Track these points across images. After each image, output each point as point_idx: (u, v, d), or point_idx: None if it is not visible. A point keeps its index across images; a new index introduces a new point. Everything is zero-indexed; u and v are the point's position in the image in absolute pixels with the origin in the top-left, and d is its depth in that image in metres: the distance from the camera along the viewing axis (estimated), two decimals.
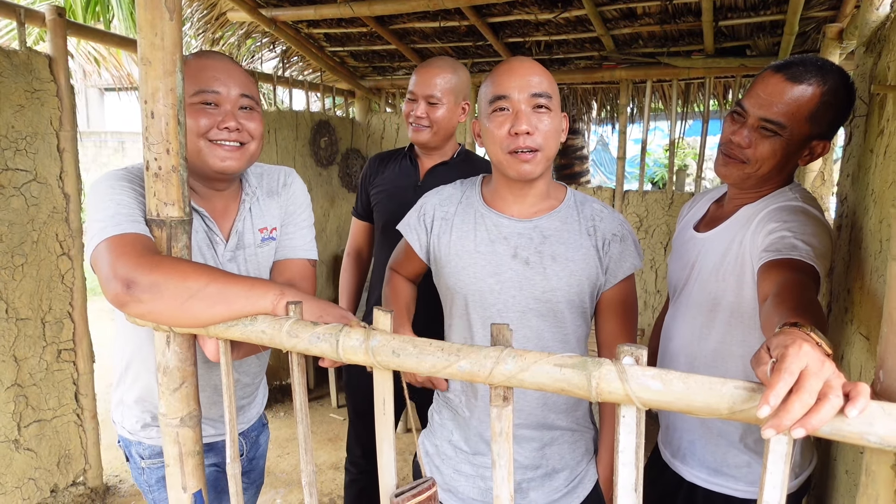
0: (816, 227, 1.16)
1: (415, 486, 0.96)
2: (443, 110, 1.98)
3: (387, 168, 2.15)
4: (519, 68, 1.25)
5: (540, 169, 1.26)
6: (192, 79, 1.23)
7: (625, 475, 0.79)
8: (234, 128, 1.25)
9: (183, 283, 1.00)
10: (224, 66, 1.27)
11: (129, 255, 1.03)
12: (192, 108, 1.23)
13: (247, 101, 1.28)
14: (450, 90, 1.99)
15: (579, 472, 1.39)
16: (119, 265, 1.02)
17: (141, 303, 1.00)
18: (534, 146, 1.22)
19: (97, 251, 1.08)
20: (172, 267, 1.02)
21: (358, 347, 0.90)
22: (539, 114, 1.23)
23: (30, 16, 2.54)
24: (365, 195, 2.19)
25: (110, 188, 1.17)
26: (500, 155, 1.25)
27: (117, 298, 1.01)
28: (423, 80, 1.98)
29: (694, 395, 0.71)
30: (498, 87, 1.25)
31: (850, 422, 0.65)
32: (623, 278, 1.33)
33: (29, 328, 2.52)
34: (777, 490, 0.72)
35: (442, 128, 2.01)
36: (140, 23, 1.03)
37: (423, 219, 1.40)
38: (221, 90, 1.24)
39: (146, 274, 1.00)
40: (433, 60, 2.04)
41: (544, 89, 1.24)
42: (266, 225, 1.41)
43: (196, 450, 1.16)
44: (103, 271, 1.05)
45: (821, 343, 0.74)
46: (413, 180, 2.08)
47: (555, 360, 0.79)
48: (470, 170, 2.07)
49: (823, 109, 1.24)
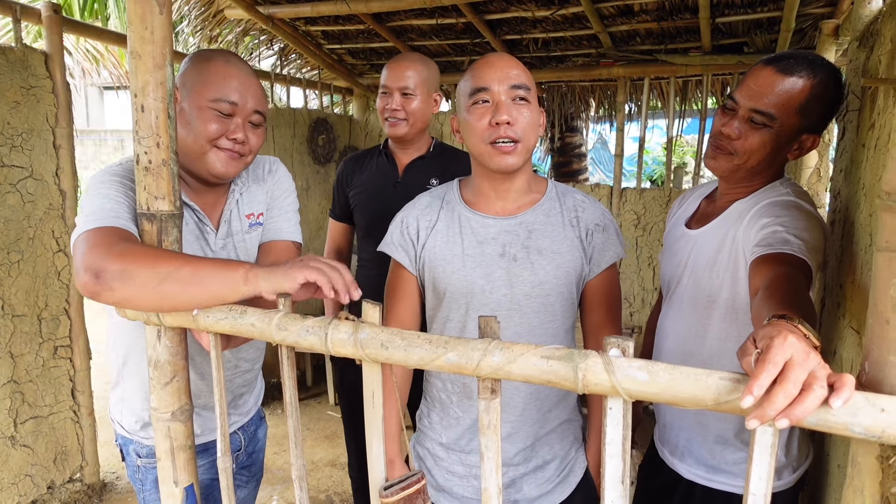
0: (808, 222, 1.16)
1: (403, 479, 0.97)
2: (417, 102, 2.00)
3: (363, 168, 2.15)
4: (497, 61, 1.27)
5: (520, 160, 1.26)
6: (212, 83, 1.25)
7: (611, 467, 0.79)
8: (241, 140, 1.28)
9: (153, 268, 1.01)
10: (246, 78, 1.29)
11: (100, 245, 1.05)
12: (207, 112, 1.25)
13: (257, 117, 1.32)
14: (422, 82, 2.01)
15: (569, 460, 1.40)
16: (89, 256, 1.04)
17: (112, 290, 1.02)
18: (514, 136, 1.23)
19: (75, 245, 1.11)
20: (142, 254, 1.04)
21: (346, 340, 0.90)
22: (519, 105, 1.24)
23: (26, 12, 2.54)
24: (343, 197, 2.18)
25: (100, 183, 1.20)
26: (481, 146, 1.26)
27: (86, 288, 1.03)
28: (395, 73, 1.99)
29: (679, 386, 0.71)
30: (478, 80, 1.26)
31: (835, 412, 0.65)
32: (606, 267, 1.34)
33: (25, 325, 2.52)
34: (763, 482, 0.72)
35: (418, 119, 2.02)
36: (130, 17, 1.03)
37: (407, 232, 1.38)
38: (239, 102, 1.27)
39: (114, 262, 1.02)
40: (403, 55, 2.07)
41: (523, 81, 1.25)
42: (253, 211, 1.44)
43: (188, 444, 1.17)
44: (76, 263, 1.07)
45: (809, 335, 0.74)
46: (392, 177, 2.09)
47: (542, 351, 0.79)
48: (447, 162, 2.08)
49: (813, 102, 1.25)
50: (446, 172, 2.05)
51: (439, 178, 2.05)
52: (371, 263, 2.10)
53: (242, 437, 1.57)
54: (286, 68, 4.34)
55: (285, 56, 4.29)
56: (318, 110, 4.34)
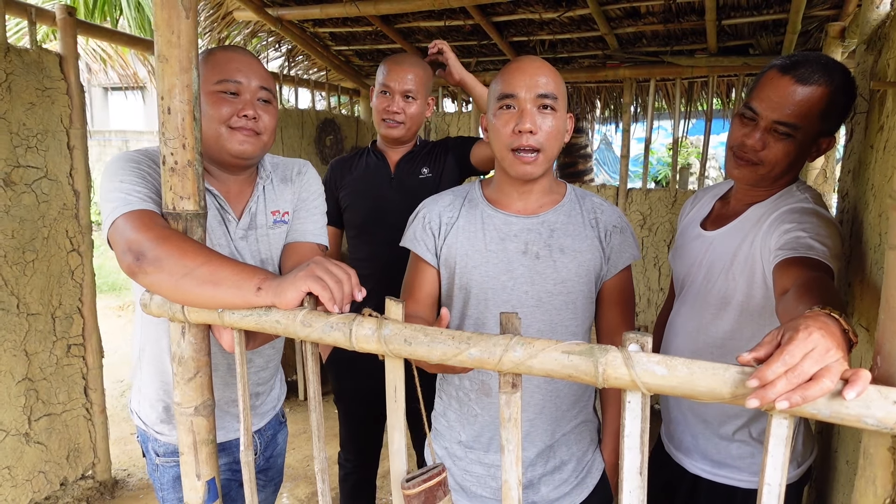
0: (829, 229, 1.18)
1: (425, 471, 0.99)
2: (416, 106, 2.02)
3: (353, 169, 2.16)
4: (528, 68, 1.27)
5: (540, 170, 1.29)
6: (215, 69, 1.30)
7: (630, 459, 0.81)
8: (252, 116, 1.31)
9: (181, 260, 1.05)
10: (246, 59, 1.34)
11: (139, 229, 1.10)
12: (214, 96, 1.29)
13: (265, 93, 1.34)
14: (423, 86, 2.03)
15: (586, 462, 1.41)
16: (132, 239, 1.09)
17: (146, 274, 1.07)
18: (536, 145, 1.25)
19: (113, 228, 1.15)
20: (176, 244, 1.07)
21: (370, 336, 0.93)
22: (544, 114, 1.26)
23: (41, 15, 2.57)
24: (332, 200, 2.16)
25: (120, 169, 1.23)
26: (504, 152, 1.28)
27: (129, 268, 1.09)
28: (398, 74, 2.00)
29: (698, 380, 0.74)
30: (506, 86, 1.27)
31: (848, 405, 0.67)
32: (623, 268, 1.37)
33: (39, 323, 2.55)
34: (778, 471, 0.74)
35: (415, 123, 2.05)
36: (157, 21, 1.06)
37: (430, 226, 1.40)
38: (243, 80, 1.31)
39: (153, 247, 1.06)
40: (403, 56, 2.07)
41: (551, 90, 1.26)
42: (279, 208, 1.45)
43: (210, 438, 1.19)
44: (119, 246, 1.12)
45: (848, 329, 0.75)
46: (385, 174, 2.11)
47: (562, 347, 0.82)
48: (433, 147, 2.11)
49: (832, 107, 1.27)
50: (436, 159, 2.09)
51: (430, 166, 2.08)
52: (365, 264, 2.11)
53: (259, 441, 1.56)
54: (294, 69, 4.37)
55: (293, 57, 4.32)
56: (325, 111, 4.37)
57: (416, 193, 1.74)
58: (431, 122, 4.48)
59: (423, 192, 1.72)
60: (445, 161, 2.08)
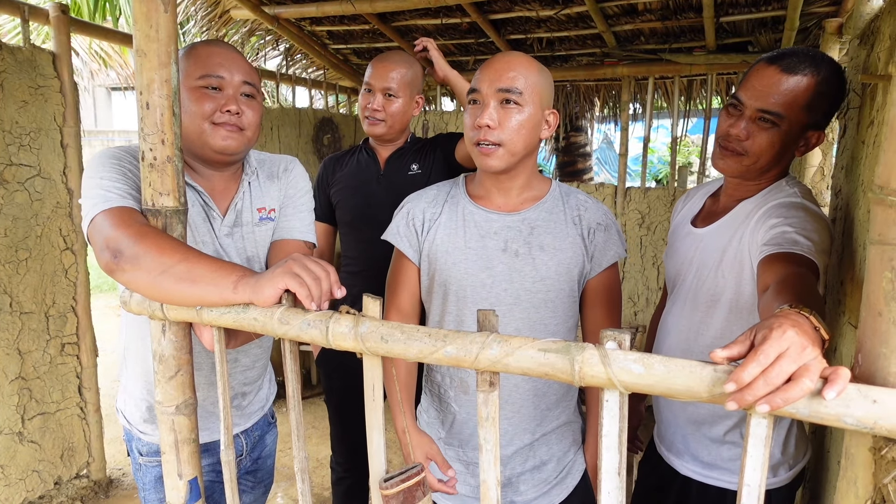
0: (817, 224, 1.17)
1: (403, 471, 0.98)
2: (398, 104, 2.01)
3: (344, 166, 2.17)
4: (496, 63, 1.26)
5: (503, 163, 1.26)
6: (197, 63, 1.28)
7: (608, 459, 0.80)
8: (236, 111, 1.29)
9: (159, 257, 1.04)
10: (229, 53, 1.32)
11: (118, 226, 1.09)
12: (197, 92, 1.27)
13: (248, 88, 1.32)
14: (406, 84, 2.01)
15: (567, 462, 1.40)
16: (110, 236, 1.08)
17: (124, 272, 1.06)
18: (495, 140, 1.23)
19: (92, 225, 1.14)
20: (154, 241, 1.06)
21: (347, 334, 0.91)
22: (507, 108, 1.24)
23: (34, 13, 2.56)
24: (324, 197, 2.19)
25: (101, 166, 1.22)
26: (470, 145, 1.29)
27: (107, 266, 1.08)
28: (380, 72, 2.00)
29: (674, 378, 0.72)
30: (474, 81, 1.28)
31: (828, 404, 0.65)
32: (607, 266, 1.35)
33: (33, 322, 2.55)
34: (758, 472, 0.73)
35: (397, 121, 2.03)
36: (135, 15, 1.04)
37: (413, 223, 1.39)
38: (225, 75, 1.29)
39: (131, 245, 1.05)
40: (389, 54, 2.06)
41: (515, 85, 1.23)
42: (265, 205, 1.44)
43: (191, 438, 1.18)
44: (97, 243, 1.11)
45: (819, 327, 0.74)
46: (374, 171, 2.11)
47: (539, 344, 0.80)
48: (423, 145, 2.11)
49: (818, 99, 1.25)
50: (425, 156, 2.09)
51: (419, 163, 2.07)
52: (356, 261, 2.10)
53: (245, 442, 1.54)
54: (291, 68, 4.36)
55: (290, 56, 4.32)
56: (323, 110, 4.36)
57: (404, 190, 1.73)
58: (429, 120, 4.47)
59: (411, 188, 1.71)
60: (434, 157, 2.08)
